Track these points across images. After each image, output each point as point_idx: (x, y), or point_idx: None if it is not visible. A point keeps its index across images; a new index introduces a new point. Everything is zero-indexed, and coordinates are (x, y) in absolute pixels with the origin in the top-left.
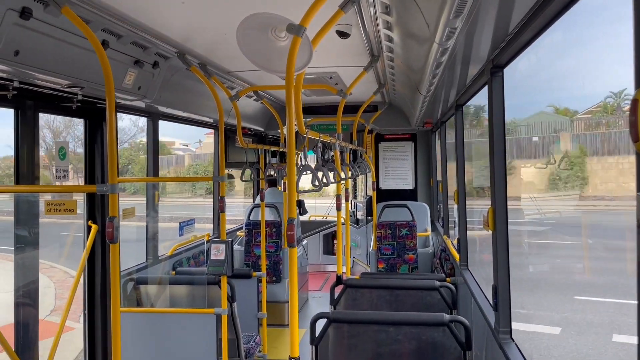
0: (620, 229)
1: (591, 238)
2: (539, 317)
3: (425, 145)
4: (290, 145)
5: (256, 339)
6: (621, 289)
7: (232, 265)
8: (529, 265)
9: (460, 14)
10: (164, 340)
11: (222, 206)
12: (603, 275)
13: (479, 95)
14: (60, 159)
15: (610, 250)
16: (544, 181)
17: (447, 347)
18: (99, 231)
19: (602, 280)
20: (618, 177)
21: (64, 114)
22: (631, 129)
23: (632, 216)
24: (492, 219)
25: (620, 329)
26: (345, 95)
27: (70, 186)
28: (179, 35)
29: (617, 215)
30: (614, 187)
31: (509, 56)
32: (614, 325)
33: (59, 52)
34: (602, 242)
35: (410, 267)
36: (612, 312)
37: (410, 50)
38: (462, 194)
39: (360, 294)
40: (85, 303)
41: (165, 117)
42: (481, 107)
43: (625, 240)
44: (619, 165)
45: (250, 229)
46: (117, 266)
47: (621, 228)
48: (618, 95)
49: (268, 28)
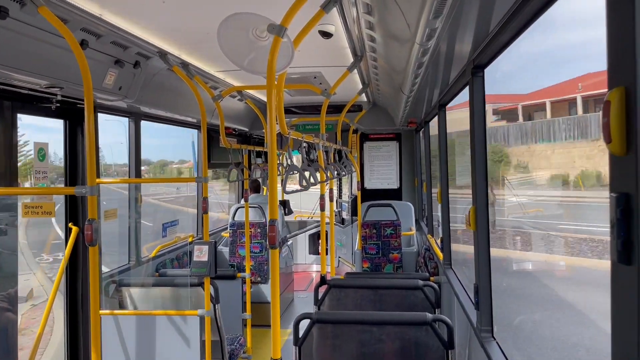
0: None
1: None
2: None
3: (409, 145)
4: (271, 146)
5: (240, 340)
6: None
7: (215, 267)
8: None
9: (440, 14)
10: (147, 343)
11: (205, 207)
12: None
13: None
14: (40, 160)
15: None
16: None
17: (430, 346)
18: (80, 233)
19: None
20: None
21: (43, 114)
22: (604, 131)
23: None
24: (474, 218)
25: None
26: (329, 95)
27: (48, 188)
28: (160, 34)
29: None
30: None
31: (489, 56)
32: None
33: (37, 52)
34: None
35: (395, 266)
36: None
37: (392, 51)
38: (445, 193)
39: (344, 294)
40: (67, 306)
41: (147, 117)
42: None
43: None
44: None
45: (234, 230)
46: (97, 268)
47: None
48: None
49: (249, 28)
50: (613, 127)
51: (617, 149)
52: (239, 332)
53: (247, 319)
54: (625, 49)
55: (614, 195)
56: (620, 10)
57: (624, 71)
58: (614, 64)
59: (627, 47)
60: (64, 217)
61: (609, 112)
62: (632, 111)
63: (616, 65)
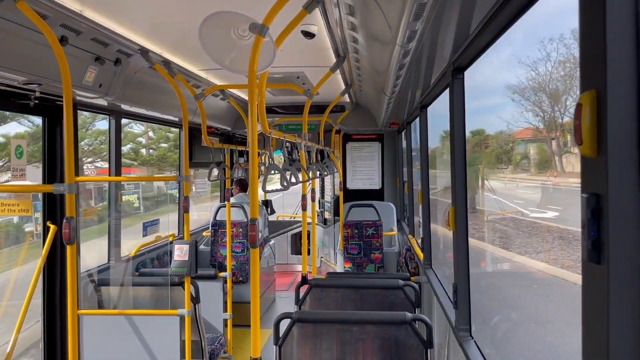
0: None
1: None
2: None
3: (392, 146)
4: (252, 145)
5: (221, 339)
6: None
7: (195, 266)
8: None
9: (420, 16)
10: (126, 342)
11: (186, 206)
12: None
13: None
14: (17, 157)
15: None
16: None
17: (410, 345)
18: (58, 232)
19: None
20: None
21: (21, 111)
22: (575, 133)
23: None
24: (453, 219)
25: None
26: (312, 95)
27: (25, 186)
28: (142, 32)
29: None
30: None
31: (469, 58)
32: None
33: (15, 48)
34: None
35: (377, 266)
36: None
37: (374, 52)
38: (425, 194)
39: (325, 294)
40: (44, 305)
41: (128, 115)
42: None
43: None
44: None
45: (216, 229)
46: (74, 267)
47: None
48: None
49: (231, 27)
50: (584, 130)
51: (588, 151)
52: (220, 332)
53: (227, 319)
54: (597, 53)
55: (585, 196)
56: (592, 15)
57: (595, 75)
58: (585, 67)
59: (598, 51)
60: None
61: (581, 114)
62: (602, 114)
63: (588, 68)
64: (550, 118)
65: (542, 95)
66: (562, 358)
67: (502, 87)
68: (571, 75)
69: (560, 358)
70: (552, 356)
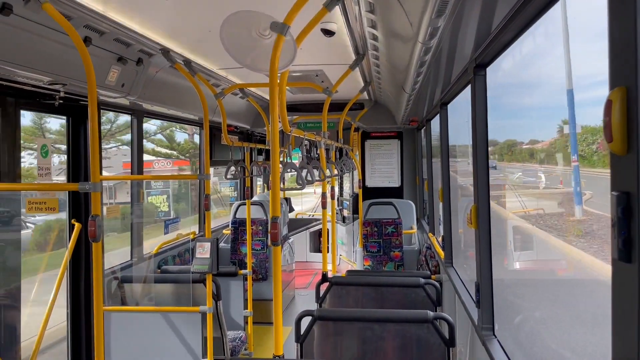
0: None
1: None
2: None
3: (411, 143)
4: (274, 144)
5: (242, 336)
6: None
7: (217, 264)
8: None
9: (443, 13)
10: (149, 339)
11: (207, 204)
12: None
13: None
14: (43, 157)
15: None
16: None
17: (431, 343)
18: (83, 229)
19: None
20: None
21: (46, 111)
22: (605, 130)
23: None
24: (475, 216)
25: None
26: (331, 93)
27: (52, 184)
28: (163, 32)
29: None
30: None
31: (492, 55)
32: None
33: (40, 49)
34: None
35: (396, 264)
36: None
37: (394, 49)
38: (446, 192)
39: (345, 292)
40: (69, 302)
41: (149, 114)
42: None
43: None
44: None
45: (236, 227)
46: (100, 265)
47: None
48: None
49: (252, 26)
50: (614, 127)
51: (618, 148)
52: (240, 329)
53: (248, 316)
54: (627, 49)
55: (615, 194)
56: (621, 11)
57: (625, 71)
58: (615, 63)
59: (628, 47)
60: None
61: (611, 111)
62: (633, 111)
63: (618, 65)
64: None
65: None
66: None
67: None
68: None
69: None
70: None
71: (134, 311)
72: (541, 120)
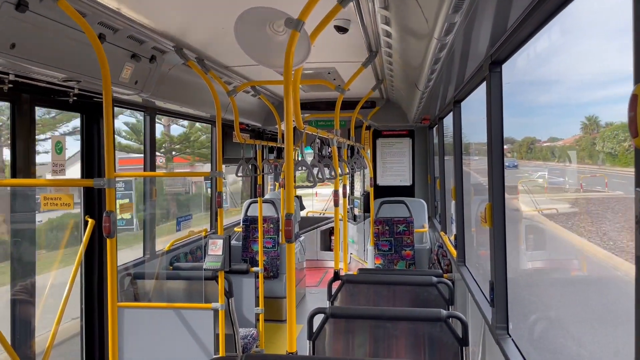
0: None
1: None
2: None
3: (423, 142)
4: (288, 141)
5: (253, 334)
6: None
7: (229, 261)
8: None
9: (460, 9)
10: (161, 335)
11: (220, 201)
12: None
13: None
14: (57, 153)
15: None
16: None
17: (444, 342)
18: (96, 226)
19: None
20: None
21: (61, 108)
22: (630, 125)
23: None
24: (490, 215)
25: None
26: (344, 91)
27: (67, 180)
28: (176, 29)
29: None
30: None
31: (508, 52)
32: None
33: (55, 46)
34: None
35: (408, 263)
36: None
37: (408, 46)
38: (459, 190)
39: (357, 290)
40: (82, 298)
41: (161, 112)
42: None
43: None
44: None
45: (247, 225)
46: (114, 261)
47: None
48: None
49: (266, 22)
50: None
51: None
52: (252, 326)
53: (259, 314)
54: None
55: (639, 190)
56: None
57: None
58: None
59: None
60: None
61: (636, 106)
62: None
63: None
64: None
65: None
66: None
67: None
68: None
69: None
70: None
71: (147, 307)
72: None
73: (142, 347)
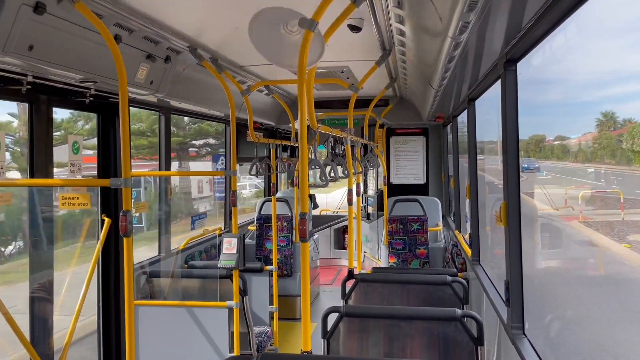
0: None
1: None
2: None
3: (436, 140)
4: (302, 140)
5: (268, 332)
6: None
7: (243, 259)
8: None
9: (474, 7)
10: (177, 333)
11: (234, 200)
12: None
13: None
14: (74, 153)
15: None
16: None
17: (459, 342)
18: (112, 225)
19: None
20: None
21: (77, 108)
22: None
23: None
24: (505, 214)
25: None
26: (357, 89)
27: (83, 180)
28: (191, 29)
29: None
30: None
31: (523, 50)
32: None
33: (72, 47)
34: None
35: (422, 261)
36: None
37: (422, 44)
38: (474, 188)
39: (371, 289)
40: (99, 296)
41: (176, 111)
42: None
43: None
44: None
45: (261, 223)
46: (131, 259)
47: None
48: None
49: (280, 22)
50: None
51: None
52: (265, 324)
53: (274, 312)
54: None
55: None
56: None
57: None
58: None
59: None
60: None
61: None
62: None
63: None
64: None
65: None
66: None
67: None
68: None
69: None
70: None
71: (163, 305)
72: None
73: (158, 345)
